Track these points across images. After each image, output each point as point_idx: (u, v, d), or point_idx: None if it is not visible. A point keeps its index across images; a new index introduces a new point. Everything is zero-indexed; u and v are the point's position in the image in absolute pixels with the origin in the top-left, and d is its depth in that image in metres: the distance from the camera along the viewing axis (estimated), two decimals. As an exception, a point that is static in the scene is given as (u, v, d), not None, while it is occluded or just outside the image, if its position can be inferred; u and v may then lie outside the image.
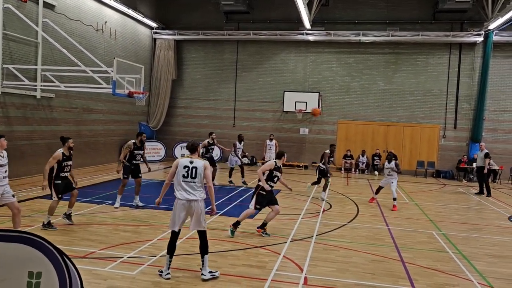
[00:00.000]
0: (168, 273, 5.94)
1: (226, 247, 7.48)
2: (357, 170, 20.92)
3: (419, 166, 20.77)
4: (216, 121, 23.13)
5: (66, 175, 8.42)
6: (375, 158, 20.74)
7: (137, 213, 9.90)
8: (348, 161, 20.92)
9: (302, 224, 9.47)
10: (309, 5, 18.52)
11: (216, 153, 20.03)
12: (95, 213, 9.63)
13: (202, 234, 6.05)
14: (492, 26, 18.41)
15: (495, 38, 19.42)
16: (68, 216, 8.58)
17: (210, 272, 5.98)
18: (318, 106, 21.14)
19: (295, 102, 21.10)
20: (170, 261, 6.01)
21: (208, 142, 13.85)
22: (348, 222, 9.96)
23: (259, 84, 22.65)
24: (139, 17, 20.75)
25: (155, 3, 22.74)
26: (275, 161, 8.47)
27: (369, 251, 7.67)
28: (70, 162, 8.42)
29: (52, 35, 14.66)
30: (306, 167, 21.46)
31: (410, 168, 20.87)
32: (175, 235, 6.05)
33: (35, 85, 14.17)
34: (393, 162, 12.10)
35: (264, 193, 8.25)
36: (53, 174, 8.21)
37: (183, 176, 5.99)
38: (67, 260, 3.39)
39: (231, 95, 22.97)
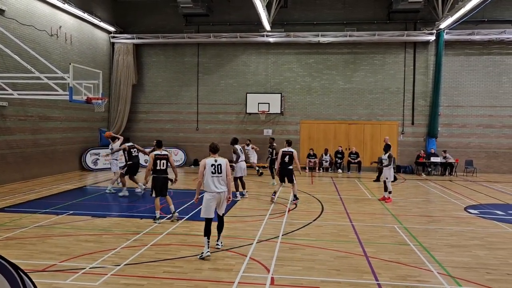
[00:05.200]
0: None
1: (192, 252, 7.41)
2: (321, 168, 21.24)
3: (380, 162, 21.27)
4: (179, 125, 22.91)
5: None
6: (338, 156, 21.12)
7: (99, 222, 9.65)
8: (312, 160, 21.20)
9: (267, 225, 9.52)
10: (268, 7, 18.68)
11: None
12: (55, 224, 9.31)
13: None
14: (443, 25, 19.21)
15: (446, 37, 20.27)
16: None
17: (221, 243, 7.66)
18: (281, 107, 21.32)
19: (258, 103, 21.21)
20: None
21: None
22: (313, 220, 10.10)
23: (221, 87, 22.61)
24: (96, 21, 20.22)
25: (112, 7, 22.24)
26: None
27: (334, 248, 7.81)
28: None
29: (3, 41, 14.09)
30: (271, 167, 21.53)
31: (372, 165, 21.39)
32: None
33: (-14, 94, 13.57)
34: (387, 154, 13.00)
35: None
36: None
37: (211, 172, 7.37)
38: (22, 274, 3.27)
39: (193, 99, 22.81)
